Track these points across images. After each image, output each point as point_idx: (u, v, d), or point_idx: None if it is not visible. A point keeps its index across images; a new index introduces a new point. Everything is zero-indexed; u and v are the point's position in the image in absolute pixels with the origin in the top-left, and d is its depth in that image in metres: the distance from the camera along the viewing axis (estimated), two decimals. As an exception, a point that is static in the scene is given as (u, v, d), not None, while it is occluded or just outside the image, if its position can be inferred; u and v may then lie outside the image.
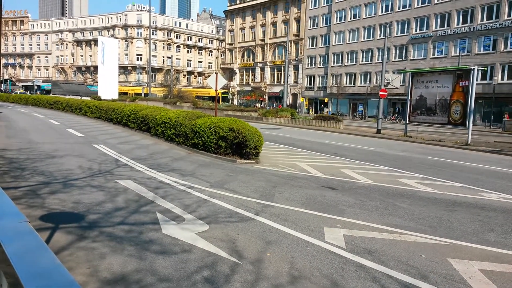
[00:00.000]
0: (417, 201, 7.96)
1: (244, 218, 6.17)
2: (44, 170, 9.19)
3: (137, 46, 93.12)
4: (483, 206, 7.74)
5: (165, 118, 15.84)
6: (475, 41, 43.62)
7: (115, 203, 6.69)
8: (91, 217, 5.85)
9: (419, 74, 24.23)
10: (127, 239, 5.03)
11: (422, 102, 23.28)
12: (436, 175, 11.13)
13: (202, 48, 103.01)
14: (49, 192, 7.21)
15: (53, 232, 5.15)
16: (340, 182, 9.51)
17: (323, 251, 4.94)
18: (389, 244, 5.32)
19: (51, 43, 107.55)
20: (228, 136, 12.08)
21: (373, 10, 54.91)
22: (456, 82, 21.09)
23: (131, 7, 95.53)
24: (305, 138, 21.43)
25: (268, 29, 71.22)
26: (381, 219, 6.53)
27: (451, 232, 6.02)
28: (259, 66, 73.55)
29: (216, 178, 9.24)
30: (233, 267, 4.34)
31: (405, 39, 50.77)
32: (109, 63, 54.84)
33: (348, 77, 58.62)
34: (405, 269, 4.53)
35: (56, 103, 35.04)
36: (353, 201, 7.64)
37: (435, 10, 47.54)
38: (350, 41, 58.12)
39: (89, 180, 8.33)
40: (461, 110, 20.78)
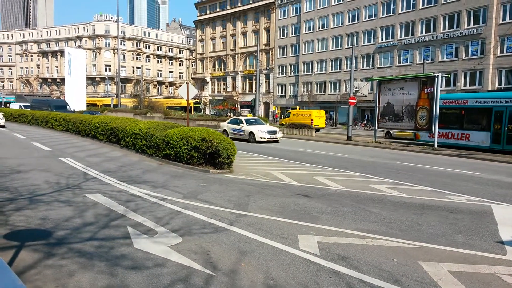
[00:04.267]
0: (387, 205, 8.12)
1: (218, 229, 6.12)
2: (9, 185, 8.83)
3: (105, 56, 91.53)
4: (451, 209, 7.98)
5: (135, 129, 15.58)
6: (438, 49, 45.31)
7: (84, 218, 6.49)
8: (59, 234, 5.65)
9: (386, 82, 24.91)
10: (97, 255, 4.88)
11: (389, 109, 23.91)
12: (405, 180, 11.41)
13: (172, 58, 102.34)
14: (14, 208, 6.92)
15: (18, 250, 4.94)
16: (313, 189, 9.59)
17: (297, 259, 4.95)
18: (362, 249, 5.39)
19: (15, 55, 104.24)
20: (200, 146, 11.99)
21: (340, 20, 56.20)
22: (422, 89, 21.80)
23: (98, 17, 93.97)
24: (277, 146, 21.55)
25: (238, 39, 71.60)
26: (354, 224, 6.62)
27: (421, 235, 6.17)
28: (230, 76, 73.70)
29: (189, 189, 9.14)
30: (208, 280, 4.28)
31: (372, 48, 52.17)
32: (77, 74, 53.64)
33: (319, 85, 59.58)
34: (378, 273, 4.59)
35: (21, 116, 33.90)
36: (326, 207, 7.72)
37: (399, 19, 49.16)
38: (319, 50, 59.17)
39: (57, 195, 8.06)
40: (427, 116, 21.45)
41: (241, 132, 24.06)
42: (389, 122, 24.09)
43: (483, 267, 4.90)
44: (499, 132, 19.72)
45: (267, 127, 24.64)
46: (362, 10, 53.22)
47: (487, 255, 5.34)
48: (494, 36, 40.79)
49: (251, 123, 24.49)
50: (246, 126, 23.90)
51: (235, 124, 24.93)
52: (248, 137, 23.31)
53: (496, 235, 6.31)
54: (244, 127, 23.93)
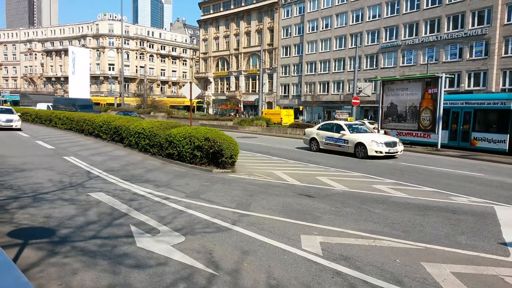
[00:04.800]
0: (390, 206, 8.11)
1: (221, 228, 6.13)
2: (13, 184, 8.87)
3: (109, 55, 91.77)
4: (454, 210, 7.96)
5: (138, 128, 15.62)
6: (442, 49, 45.18)
7: (87, 216, 6.52)
8: (63, 232, 5.68)
9: (389, 82, 24.85)
10: (100, 253, 4.91)
11: (393, 109, 23.86)
12: (408, 180, 11.39)
13: (176, 58, 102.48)
14: (18, 206, 6.96)
15: (22, 248, 4.97)
16: (316, 190, 9.59)
17: (300, 259, 4.95)
18: (364, 250, 5.39)
19: (19, 53, 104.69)
20: (203, 146, 12.01)
21: (344, 20, 56.12)
22: (425, 89, 21.74)
23: (102, 16, 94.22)
24: (280, 146, 21.56)
25: (242, 39, 71.62)
26: (356, 225, 6.62)
27: (424, 236, 6.15)
28: (233, 75, 73.74)
29: (192, 188, 9.16)
30: (210, 279, 4.29)
31: (376, 48, 52.08)
32: (80, 73, 53.84)
33: (322, 85, 59.52)
34: (381, 274, 4.59)
35: (25, 115, 34.03)
36: (328, 208, 7.72)
37: (403, 20, 49.04)
38: (322, 50, 59.11)
39: (60, 194, 8.09)
40: (431, 117, 21.40)
41: (341, 142, 17.82)
42: (392, 122, 24.03)
43: (486, 269, 4.89)
44: (455, 130, 22.17)
45: (382, 136, 18.47)
46: (366, 10, 53.13)
47: (490, 257, 5.33)
48: (498, 37, 40.63)
49: (357, 130, 18.18)
50: (349, 135, 17.51)
51: (332, 131, 18.54)
52: (354, 150, 17.14)
53: (499, 236, 6.29)
54: (347, 135, 17.55)
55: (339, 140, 17.87)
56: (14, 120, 24.47)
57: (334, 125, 18.86)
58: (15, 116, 25.02)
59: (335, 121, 21.77)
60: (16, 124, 24.53)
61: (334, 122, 19.48)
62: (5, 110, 26.66)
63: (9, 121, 24.18)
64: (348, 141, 17.43)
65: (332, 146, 18.28)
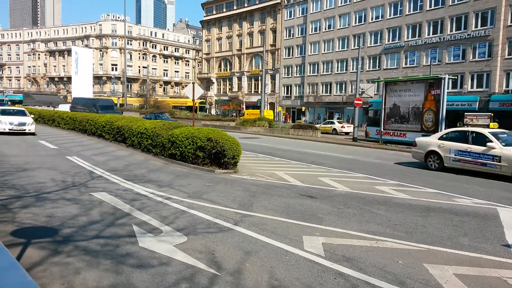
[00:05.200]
0: (393, 207, 8.09)
1: (223, 229, 6.13)
2: (16, 183, 8.90)
3: (112, 56, 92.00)
4: (457, 211, 7.94)
5: (141, 128, 15.65)
6: (445, 51, 45.09)
7: (90, 216, 6.53)
8: (65, 231, 5.69)
9: (392, 83, 24.81)
10: (103, 253, 4.92)
11: (396, 111, 23.82)
12: (410, 182, 11.37)
13: (178, 58, 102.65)
14: (20, 206, 6.98)
15: (25, 247, 4.98)
16: (318, 190, 9.58)
17: (302, 260, 4.95)
18: (366, 251, 5.38)
19: (23, 53, 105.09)
20: (206, 146, 12.02)
21: (347, 21, 56.08)
22: (428, 90, 21.70)
23: (105, 17, 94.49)
24: (283, 147, 21.56)
25: (244, 39, 71.68)
26: (359, 226, 6.61)
27: (426, 237, 6.14)
28: (236, 76, 73.79)
29: (194, 189, 9.17)
30: (212, 279, 4.29)
31: (378, 49, 52.02)
32: (83, 73, 54.00)
33: (324, 86, 59.49)
34: (383, 275, 4.58)
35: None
36: (331, 209, 7.71)
37: (406, 21, 48.98)
38: (325, 51, 59.09)
39: (63, 193, 8.12)
40: (434, 118, 21.36)
41: (486, 159, 12.62)
42: (395, 123, 23.99)
43: (489, 271, 4.87)
44: None
45: None
46: (369, 11, 53.09)
47: (493, 259, 5.31)
48: (502, 38, 40.52)
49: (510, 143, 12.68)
50: (502, 149, 12.31)
51: (467, 143, 13.33)
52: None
53: (503, 238, 6.27)
54: (498, 149, 12.36)
55: (483, 156, 12.66)
56: (27, 124, 21.35)
57: (470, 134, 13.45)
58: (28, 119, 21.90)
59: (471, 128, 15.04)
60: (30, 128, 21.35)
61: (470, 130, 13.86)
62: (16, 111, 23.35)
63: (21, 124, 21.11)
64: (500, 158, 12.24)
65: (470, 164, 13.11)
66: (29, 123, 21.44)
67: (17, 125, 20.98)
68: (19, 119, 21.55)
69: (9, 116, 21.61)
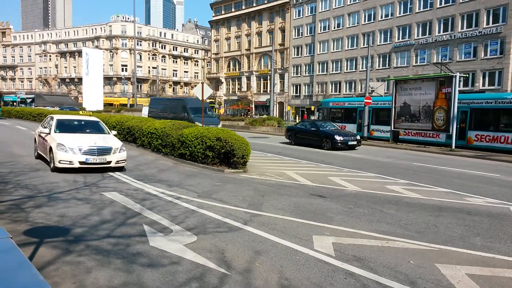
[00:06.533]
0: (404, 207, 8.03)
1: (233, 228, 6.14)
2: (28, 183, 9.01)
3: (122, 56, 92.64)
4: (469, 211, 7.84)
5: (151, 128, 15.74)
6: (456, 48, 44.56)
7: (101, 215, 6.59)
8: (77, 231, 5.75)
9: (402, 82, 24.61)
10: (114, 252, 4.95)
11: (406, 109, 23.61)
12: (421, 181, 11.26)
13: (187, 58, 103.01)
14: (33, 206, 7.07)
15: (38, 247, 5.04)
16: (328, 190, 9.54)
17: (312, 260, 4.93)
18: (377, 251, 5.34)
19: (34, 55, 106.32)
20: (215, 146, 12.05)
21: (356, 19, 55.75)
22: (439, 89, 21.48)
23: (115, 18, 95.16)
24: (290, 146, 21.51)
25: (253, 39, 71.66)
26: (369, 225, 6.57)
27: (438, 237, 6.08)
28: (245, 76, 73.82)
29: (204, 188, 9.19)
30: (222, 278, 4.30)
31: (388, 47, 51.61)
32: (94, 74, 54.48)
33: (333, 85, 59.21)
34: (394, 275, 4.55)
35: (39, 115, 34.57)
36: (341, 208, 7.67)
37: (416, 18, 48.51)
38: (334, 50, 58.80)
39: (74, 193, 8.20)
40: (445, 116, 21.13)
41: None
42: (405, 122, 23.79)
43: (502, 271, 4.80)
44: (360, 124, 28.85)
45: None
46: (378, 9, 52.69)
47: (506, 259, 5.24)
48: (514, 35, 39.89)
49: None
50: None
51: None
52: None
53: (516, 238, 6.18)
54: None
55: None
56: (112, 150, 10.88)
57: None
58: (111, 140, 11.46)
59: None
60: (118, 159, 10.95)
61: None
62: (85, 123, 12.64)
63: (103, 151, 10.71)
64: None
65: None
66: (115, 148, 10.93)
67: (95, 153, 10.56)
68: (95, 139, 11.10)
69: (77, 135, 11.30)
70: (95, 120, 13.10)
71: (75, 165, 10.28)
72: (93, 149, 10.55)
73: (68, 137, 10.94)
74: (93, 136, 11.47)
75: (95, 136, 11.50)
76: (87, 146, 10.52)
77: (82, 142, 10.66)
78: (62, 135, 11.05)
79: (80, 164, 10.32)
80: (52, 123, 11.88)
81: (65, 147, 10.31)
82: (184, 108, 27.06)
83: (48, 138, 11.23)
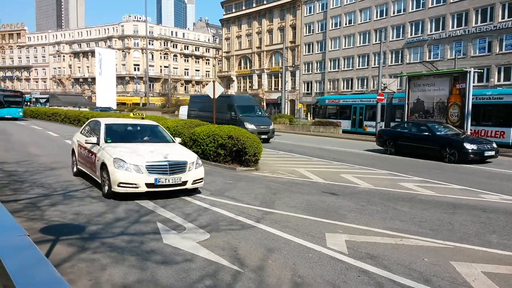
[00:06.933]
0: (417, 204, 7.95)
1: (245, 226, 6.15)
2: (44, 182, 9.16)
3: (134, 56, 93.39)
4: (484, 208, 7.73)
5: (163, 127, 15.83)
6: (470, 43, 43.85)
7: (116, 213, 6.66)
8: (92, 228, 5.83)
9: (416, 78, 24.32)
10: (128, 249, 5.01)
11: (419, 106, 23.34)
12: (435, 178, 11.13)
13: (199, 57, 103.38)
14: (49, 204, 7.18)
15: (54, 244, 5.12)
16: (340, 187, 9.49)
17: (325, 257, 4.92)
18: (391, 248, 5.30)
19: (48, 55, 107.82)
20: (227, 144, 12.08)
21: (368, 16, 55.24)
22: (453, 84, 21.17)
23: (127, 18, 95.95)
24: (304, 144, 21.44)
25: (264, 37, 71.54)
26: (383, 223, 6.52)
27: (453, 234, 6.00)
28: (256, 73, 73.78)
29: (216, 186, 9.23)
30: (235, 276, 4.31)
31: (401, 43, 51.04)
32: (107, 73, 55.04)
33: (345, 82, 58.81)
34: (408, 273, 4.51)
35: (54, 115, 35.07)
36: (353, 206, 7.63)
37: (429, 14, 47.86)
38: (346, 46, 58.38)
39: (89, 191, 8.30)
40: (459, 113, 20.84)
41: None
42: (419, 119, 23.52)
43: (519, 269, 4.72)
44: (354, 119, 31.82)
45: None
46: (391, 4, 52.11)
47: (523, 256, 5.15)
48: (530, 29, 39.10)
49: None
50: None
51: None
52: None
53: (533, 235, 6.07)
54: None
55: None
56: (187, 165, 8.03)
57: None
58: (182, 151, 8.79)
59: None
60: (195, 177, 8.13)
61: None
62: (142, 129, 9.94)
63: (177, 168, 7.83)
64: None
65: None
66: (190, 162, 8.20)
67: (166, 171, 7.76)
68: (163, 151, 8.39)
69: (136, 145, 8.63)
70: (153, 124, 10.32)
71: (140, 188, 7.39)
72: (163, 166, 7.60)
73: (126, 149, 8.10)
74: (156, 146, 8.69)
75: (159, 146, 8.74)
76: (154, 161, 7.62)
77: (146, 155, 7.80)
78: (117, 147, 8.19)
79: (147, 187, 7.42)
80: (100, 129, 8.88)
81: (126, 164, 7.43)
82: (230, 107, 22.92)
83: (96, 150, 8.37)
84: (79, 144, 9.79)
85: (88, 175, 9.15)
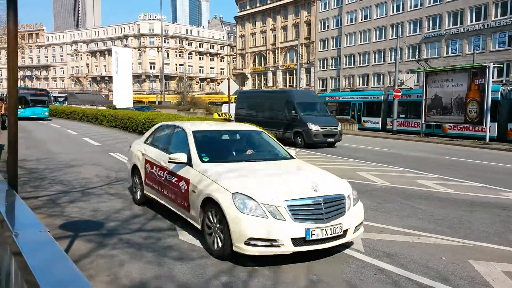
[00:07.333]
0: (435, 202, 7.84)
1: (261, 223, 6.14)
2: (63, 179, 9.33)
3: (150, 54, 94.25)
4: (504, 206, 7.58)
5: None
6: (489, 38, 42.89)
7: (133, 210, 6.75)
8: (110, 225, 5.92)
9: (433, 73, 23.95)
10: (146, 245, 5.07)
11: (437, 102, 22.99)
12: (454, 175, 10.95)
13: (213, 55, 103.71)
14: (68, 200, 7.32)
15: (73, 240, 5.22)
16: (356, 185, 9.40)
17: (341, 255, 4.90)
18: (408, 247, 5.25)
19: (66, 55, 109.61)
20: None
21: (384, 11, 54.52)
22: (472, 80, 20.78)
23: (143, 17, 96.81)
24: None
25: (278, 33, 71.32)
26: (400, 221, 6.45)
27: (472, 233, 5.91)
28: (271, 71, 73.63)
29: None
30: (251, 273, 4.33)
31: (418, 38, 50.24)
32: (123, 72, 55.61)
33: (361, 78, 58.23)
34: (425, 271, 4.46)
35: (72, 113, 35.65)
36: (370, 203, 7.56)
37: (447, 8, 46.96)
38: (361, 42, 57.76)
39: (107, 188, 8.43)
40: (478, 109, 20.45)
41: None
42: (436, 115, 23.17)
43: (540, 268, 4.62)
44: (353, 116, 33.20)
45: None
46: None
47: (545, 256, 5.03)
48: (553, 22, 38.01)
49: None
50: None
51: None
52: None
53: (555, 234, 5.92)
54: None
55: None
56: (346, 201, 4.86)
57: None
58: (323, 175, 5.75)
59: None
60: (356, 222, 4.91)
61: None
62: (241, 138, 6.95)
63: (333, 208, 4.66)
64: None
65: None
66: (346, 195, 4.91)
67: (322, 216, 4.51)
68: (292, 173, 5.42)
69: (247, 166, 5.47)
70: (255, 130, 7.33)
71: (284, 247, 4.34)
72: (316, 205, 4.57)
73: (239, 173, 5.10)
74: (276, 165, 5.83)
75: (279, 165, 5.85)
76: (300, 198, 4.57)
77: (279, 185, 4.79)
78: (224, 170, 5.13)
79: (294, 245, 4.36)
80: (188, 141, 5.81)
81: (257, 204, 4.42)
82: (289, 104, 18.72)
83: (187, 175, 5.35)
84: (146, 159, 6.70)
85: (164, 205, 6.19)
